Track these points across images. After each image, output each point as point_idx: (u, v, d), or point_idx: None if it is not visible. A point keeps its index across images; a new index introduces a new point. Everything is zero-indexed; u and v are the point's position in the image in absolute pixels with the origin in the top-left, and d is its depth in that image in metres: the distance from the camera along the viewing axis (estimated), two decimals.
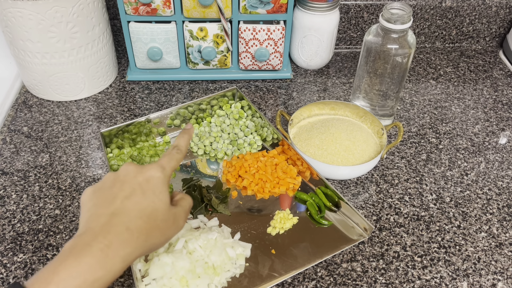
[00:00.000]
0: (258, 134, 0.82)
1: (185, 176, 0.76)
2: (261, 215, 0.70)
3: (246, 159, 0.77)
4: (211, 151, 0.80)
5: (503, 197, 0.75)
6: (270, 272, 0.62)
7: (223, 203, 0.71)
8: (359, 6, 1.02)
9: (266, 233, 0.68)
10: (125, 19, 0.87)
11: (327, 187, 0.70)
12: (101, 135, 0.77)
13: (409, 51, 0.76)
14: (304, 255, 0.65)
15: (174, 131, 0.84)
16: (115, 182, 0.50)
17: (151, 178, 0.50)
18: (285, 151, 0.78)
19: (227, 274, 0.61)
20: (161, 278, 0.58)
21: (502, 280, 0.64)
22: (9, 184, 0.75)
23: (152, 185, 0.50)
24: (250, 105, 0.83)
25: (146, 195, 0.49)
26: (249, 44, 0.90)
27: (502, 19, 1.07)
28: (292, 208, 0.71)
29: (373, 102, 0.85)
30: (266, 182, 0.73)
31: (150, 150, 0.79)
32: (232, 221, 0.69)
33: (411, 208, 0.73)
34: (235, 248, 0.63)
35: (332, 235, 0.67)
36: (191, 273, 0.59)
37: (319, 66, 1.01)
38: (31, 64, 0.84)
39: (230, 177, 0.75)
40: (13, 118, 0.87)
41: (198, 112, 0.85)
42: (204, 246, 0.62)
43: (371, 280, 0.63)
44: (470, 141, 0.85)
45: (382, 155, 0.75)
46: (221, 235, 0.64)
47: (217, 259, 0.61)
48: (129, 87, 0.95)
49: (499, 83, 1.00)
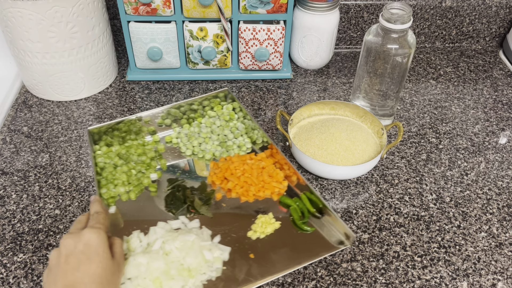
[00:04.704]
0: (248, 136, 0.82)
1: (171, 177, 0.76)
2: (243, 219, 0.70)
3: (232, 161, 0.76)
4: (199, 152, 0.79)
5: (503, 197, 0.75)
6: (246, 277, 0.62)
7: (206, 205, 0.71)
8: (359, 6, 1.02)
9: (247, 237, 0.67)
10: (125, 19, 0.87)
11: (312, 193, 0.70)
12: (88, 132, 0.77)
13: (409, 51, 0.76)
14: (283, 261, 0.64)
15: (164, 130, 0.84)
16: (59, 259, 0.53)
17: (89, 241, 0.54)
18: (273, 155, 0.77)
19: (203, 276, 0.61)
20: (135, 278, 0.58)
21: (502, 280, 0.64)
22: (9, 184, 0.75)
23: (94, 248, 0.54)
24: (241, 107, 0.83)
25: (92, 259, 0.53)
26: (249, 44, 0.90)
27: (502, 19, 1.07)
28: (275, 213, 0.71)
29: (373, 102, 0.85)
30: (251, 186, 0.73)
31: (138, 149, 0.78)
32: (213, 223, 0.69)
33: (411, 208, 0.73)
34: (213, 251, 0.63)
35: (314, 242, 0.67)
36: (165, 274, 0.59)
37: (319, 66, 1.01)
38: (31, 64, 0.84)
39: (216, 178, 0.75)
40: (13, 118, 0.87)
41: (189, 112, 0.85)
42: (180, 248, 0.61)
43: (371, 280, 0.63)
44: (470, 141, 0.85)
45: (382, 155, 0.75)
46: (199, 237, 0.64)
47: (193, 262, 0.61)
48: (129, 87, 0.95)
49: (499, 83, 1.00)
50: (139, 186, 0.73)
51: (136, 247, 0.63)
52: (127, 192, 0.73)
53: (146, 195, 0.73)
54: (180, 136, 0.82)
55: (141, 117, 0.81)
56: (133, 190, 0.73)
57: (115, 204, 0.71)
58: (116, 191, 0.72)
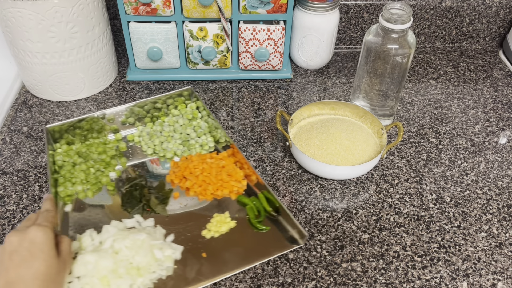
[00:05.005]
0: (212, 135, 0.82)
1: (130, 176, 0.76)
2: (199, 218, 0.70)
3: (192, 160, 0.76)
4: (160, 150, 0.79)
5: (503, 197, 0.75)
6: (196, 276, 0.62)
7: (162, 204, 0.71)
8: (359, 6, 1.02)
9: (201, 236, 0.67)
10: (125, 19, 0.87)
11: (269, 192, 0.69)
12: (47, 130, 0.77)
13: (409, 51, 0.76)
14: (235, 260, 0.64)
15: (127, 129, 0.84)
16: (3, 256, 0.53)
17: (35, 239, 0.53)
18: (234, 154, 0.77)
19: (153, 275, 0.61)
20: (83, 276, 0.58)
21: (502, 280, 0.64)
22: (9, 184, 0.75)
23: (39, 245, 0.53)
24: (204, 107, 0.83)
25: (35, 257, 0.52)
26: (249, 44, 0.90)
27: (502, 19, 1.07)
28: (233, 212, 0.70)
29: (373, 102, 0.85)
30: (209, 184, 0.72)
31: (99, 147, 0.78)
32: (169, 222, 0.69)
33: (411, 208, 0.73)
34: (164, 250, 0.63)
35: (268, 241, 0.66)
36: (113, 273, 0.59)
37: (319, 66, 1.01)
38: (31, 64, 0.84)
39: (175, 177, 0.74)
40: (13, 118, 0.87)
41: (153, 111, 0.85)
42: (130, 247, 0.61)
43: (371, 280, 0.63)
44: (470, 141, 0.85)
45: (382, 155, 0.75)
46: (150, 236, 0.63)
47: (142, 260, 0.60)
48: (129, 87, 0.95)
49: (499, 83, 1.00)
50: (97, 185, 0.73)
51: (87, 245, 0.63)
52: (85, 190, 0.72)
53: (105, 194, 0.73)
54: (142, 135, 0.82)
55: (104, 115, 0.80)
56: (90, 188, 0.73)
57: (71, 203, 0.71)
58: (73, 189, 0.72)
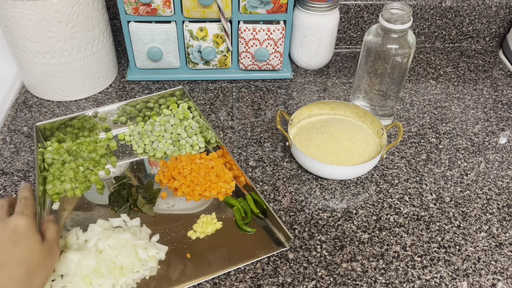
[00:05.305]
0: (203, 135, 0.82)
1: (118, 175, 0.76)
2: (186, 218, 0.69)
3: (181, 160, 0.76)
4: (150, 150, 0.79)
5: (503, 197, 0.75)
6: (180, 276, 0.62)
7: (149, 204, 0.70)
8: (359, 6, 1.02)
9: (186, 237, 0.67)
10: (125, 19, 0.87)
11: (257, 194, 0.69)
12: (36, 128, 0.76)
13: (409, 51, 0.76)
14: (219, 262, 0.64)
15: (119, 128, 0.84)
16: None
17: (16, 226, 0.54)
18: (224, 155, 0.77)
19: (136, 275, 0.61)
20: (66, 275, 0.59)
21: (502, 280, 0.64)
22: (9, 184, 0.75)
23: (21, 232, 0.54)
24: (196, 107, 0.83)
25: (18, 243, 0.53)
26: (249, 44, 0.90)
27: (502, 19, 1.07)
28: (220, 213, 0.70)
29: (373, 102, 0.85)
30: (197, 185, 0.72)
31: (89, 146, 0.78)
32: (155, 222, 0.69)
33: (411, 208, 0.73)
34: (148, 250, 0.63)
35: (254, 243, 0.66)
36: (95, 272, 0.59)
37: (319, 66, 1.01)
38: (31, 64, 0.84)
39: (163, 177, 0.74)
40: (13, 118, 0.87)
41: (145, 110, 0.85)
42: (113, 246, 0.61)
43: (371, 280, 0.63)
44: (470, 141, 0.85)
45: (382, 155, 0.75)
46: (134, 236, 0.63)
47: (125, 260, 0.60)
48: (129, 87, 0.95)
49: (499, 83, 1.00)
50: (85, 183, 0.73)
51: (72, 243, 0.63)
52: (73, 188, 0.72)
53: (94, 192, 0.73)
54: (133, 134, 0.82)
55: (96, 114, 0.80)
56: (79, 187, 0.73)
57: (59, 200, 0.71)
58: (62, 187, 0.72)
